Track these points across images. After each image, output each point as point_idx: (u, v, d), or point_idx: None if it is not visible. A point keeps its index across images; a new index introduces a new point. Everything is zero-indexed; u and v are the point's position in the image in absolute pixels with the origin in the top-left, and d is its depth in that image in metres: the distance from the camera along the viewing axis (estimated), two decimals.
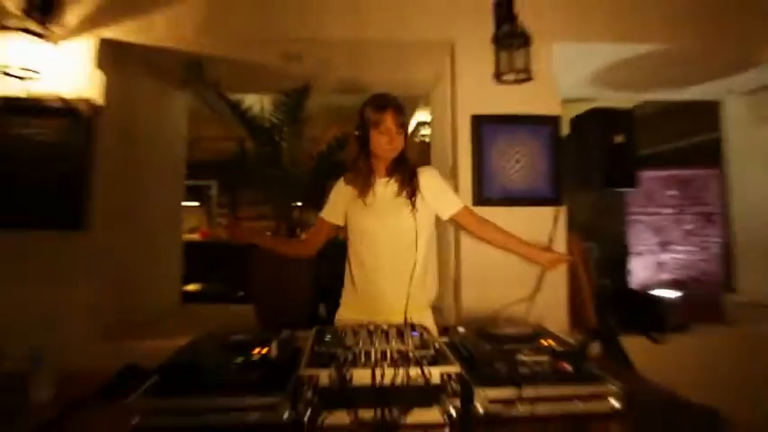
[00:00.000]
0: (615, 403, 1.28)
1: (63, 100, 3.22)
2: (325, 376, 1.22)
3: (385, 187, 2.10)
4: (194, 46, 3.36)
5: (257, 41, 3.37)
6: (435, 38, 3.41)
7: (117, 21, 3.28)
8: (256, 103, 3.73)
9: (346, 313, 2.05)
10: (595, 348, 2.68)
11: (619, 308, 3.20)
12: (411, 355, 1.28)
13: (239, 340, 1.43)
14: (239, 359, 1.29)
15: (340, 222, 2.20)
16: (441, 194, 2.09)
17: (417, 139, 6.49)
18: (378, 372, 1.22)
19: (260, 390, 1.22)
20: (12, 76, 3.09)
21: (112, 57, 3.37)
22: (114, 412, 1.27)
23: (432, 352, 1.31)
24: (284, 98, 3.60)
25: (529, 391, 1.26)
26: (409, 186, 2.03)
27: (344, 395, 1.20)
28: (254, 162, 3.67)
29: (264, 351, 1.33)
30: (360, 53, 3.62)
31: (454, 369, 1.25)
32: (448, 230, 3.40)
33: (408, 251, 1.95)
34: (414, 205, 1.98)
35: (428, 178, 2.10)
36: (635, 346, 3.07)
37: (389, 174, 2.13)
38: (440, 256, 2.30)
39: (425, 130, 6.44)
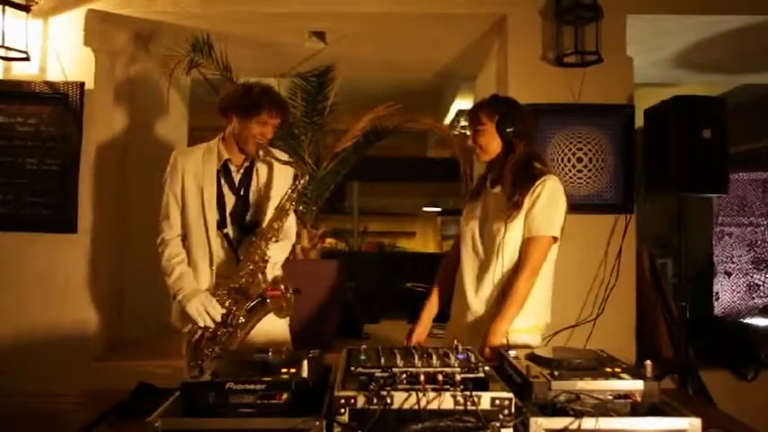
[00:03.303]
0: None
1: (49, 84, 3.45)
2: (362, 399, 1.36)
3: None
4: (200, 21, 3.55)
5: (273, 16, 3.54)
6: (482, 10, 3.50)
7: None
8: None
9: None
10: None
11: (699, 336, 3.27)
12: (458, 377, 1.41)
13: (265, 359, 1.59)
14: (267, 378, 1.44)
15: None
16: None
17: (457, 131, 6.61)
18: (421, 395, 1.35)
19: (292, 412, 1.36)
20: None
21: (104, 33, 3.56)
22: None
23: (480, 375, 1.44)
24: (304, 83, 3.76)
25: (590, 423, 1.37)
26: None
27: (385, 419, 1.33)
28: None
29: (294, 370, 1.47)
30: (392, 30, 3.76)
31: (506, 395, 1.37)
32: None
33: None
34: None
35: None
36: (718, 382, 3.14)
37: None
38: None
39: (466, 121, 6.55)
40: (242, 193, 2.36)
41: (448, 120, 6.83)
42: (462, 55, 4.12)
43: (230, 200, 2.35)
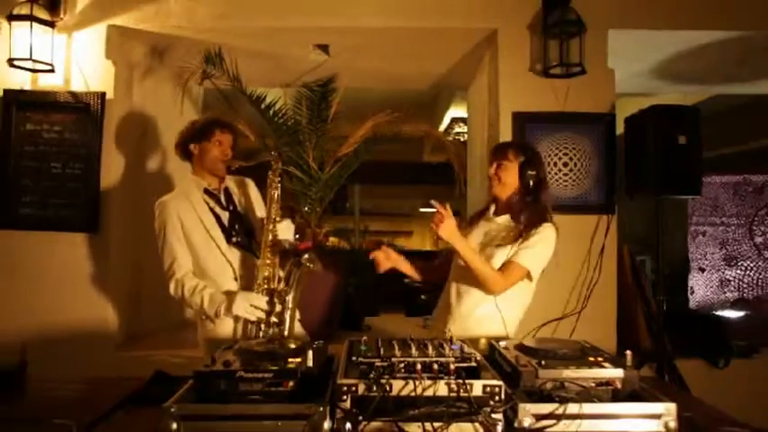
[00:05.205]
0: (670, 423, 1.38)
1: (72, 94, 3.46)
2: (362, 386, 1.36)
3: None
4: (212, 35, 3.55)
5: (280, 31, 3.55)
6: (475, 25, 3.52)
7: (128, 7, 3.48)
8: (279, 98, 3.92)
9: None
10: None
11: (675, 328, 3.28)
12: (452, 366, 1.41)
13: (272, 349, 1.59)
14: (274, 367, 1.44)
15: None
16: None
17: (451, 137, 6.61)
18: (418, 383, 1.36)
19: (297, 398, 1.37)
20: (21, 68, 3.32)
21: (123, 46, 3.58)
22: (148, 418, 1.44)
23: (473, 364, 1.45)
24: (309, 93, 3.77)
25: (575, 408, 1.38)
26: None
27: (384, 406, 1.34)
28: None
29: (300, 360, 1.48)
30: (391, 43, 3.77)
31: (497, 382, 1.38)
32: None
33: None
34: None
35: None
36: (693, 370, 3.15)
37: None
38: None
39: (460, 128, 6.56)
40: (231, 207, 2.45)
41: (443, 127, 6.84)
42: (456, 67, 4.13)
43: (225, 216, 2.42)
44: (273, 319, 2.26)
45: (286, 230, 2.39)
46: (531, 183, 2.29)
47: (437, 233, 2.16)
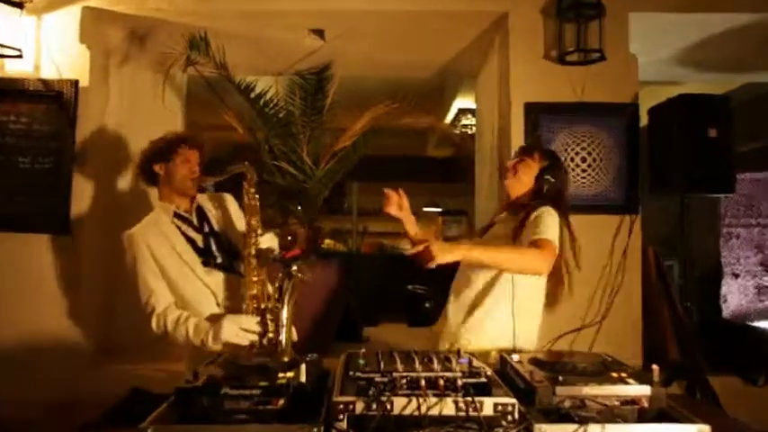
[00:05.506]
0: None
1: (43, 82, 3.45)
2: (361, 404, 1.35)
3: None
4: (196, 18, 3.54)
5: (271, 13, 3.53)
6: (483, 8, 3.52)
7: None
8: (270, 87, 3.91)
9: None
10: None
11: (707, 341, 3.26)
12: (459, 382, 1.40)
13: (261, 363, 1.57)
14: (263, 383, 1.42)
15: None
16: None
17: (458, 130, 6.62)
18: (422, 400, 1.34)
19: (288, 418, 1.35)
20: None
21: (99, 30, 3.56)
22: None
23: (483, 380, 1.43)
24: (302, 81, 3.76)
25: (596, 430, 1.36)
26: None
27: (385, 426, 1.32)
28: (267, 157, 3.84)
29: (291, 375, 1.46)
30: (392, 27, 3.76)
31: (509, 400, 1.36)
32: None
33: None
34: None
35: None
36: (727, 388, 3.12)
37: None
38: None
39: (468, 120, 6.56)
40: (206, 229, 2.44)
41: (449, 118, 6.85)
42: (463, 53, 4.13)
43: (199, 239, 2.41)
44: (267, 340, 2.23)
45: (270, 242, 2.41)
46: (546, 188, 2.29)
47: (434, 264, 2.00)
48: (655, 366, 1.52)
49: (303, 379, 1.44)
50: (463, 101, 6.22)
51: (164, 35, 3.70)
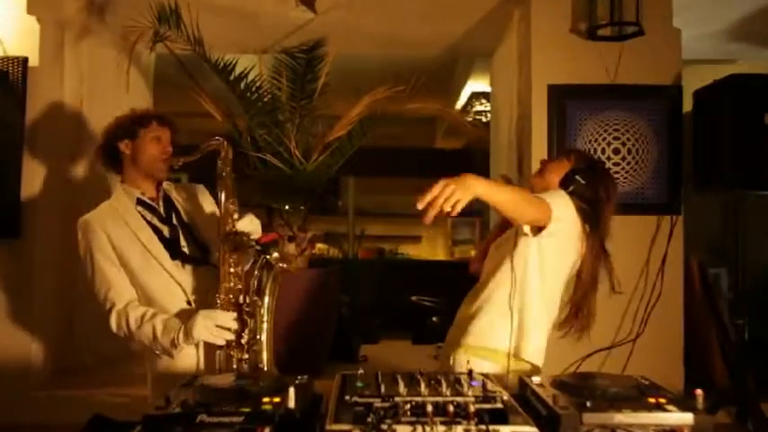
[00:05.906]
0: None
1: None
2: None
3: None
4: None
5: None
6: None
7: None
8: (252, 67, 3.90)
9: None
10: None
11: (760, 362, 3.27)
12: (472, 408, 1.41)
13: (243, 386, 1.59)
14: (246, 409, 1.44)
15: None
16: None
17: (470, 117, 6.62)
18: (428, 429, 1.35)
19: None
20: None
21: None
22: None
23: (498, 405, 1.44)
24: (290, 60, 3.76)
25: None
26: None
27: None
28: (249, 148, 3.85)
29: (278, 400, 1.47)
30: None
31: (529, 429, 1.38)
32: None
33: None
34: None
35: None
36: None
37: None
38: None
39: (482, 105, 6.57)
40: (174, 220, 2.45)
41: (460, 104, 6.84)
42: (477, 27, 4.13)
43: (166, 230, 2.42)
44: (245, 339, 2.25)
45: (249, 226, 2.38)
46: (571, 189, 2.24)
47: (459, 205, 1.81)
48: (699, 391, 1.53)
49: (292, 404, 1.45)
50: (476, 83, 6.21)
51: (127, 6, 3.71)
